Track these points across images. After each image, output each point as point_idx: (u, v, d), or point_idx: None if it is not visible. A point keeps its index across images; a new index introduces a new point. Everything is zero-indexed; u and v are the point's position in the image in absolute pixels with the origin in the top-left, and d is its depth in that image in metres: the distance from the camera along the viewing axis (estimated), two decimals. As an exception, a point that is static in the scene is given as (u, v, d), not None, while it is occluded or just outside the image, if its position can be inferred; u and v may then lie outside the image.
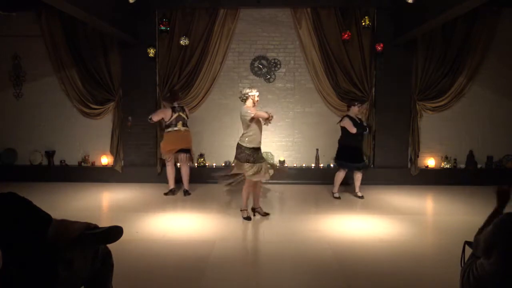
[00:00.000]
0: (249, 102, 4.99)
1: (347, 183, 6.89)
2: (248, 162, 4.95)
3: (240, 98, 5.11)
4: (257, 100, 5.03)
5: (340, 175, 6.31)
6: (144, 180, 7.46)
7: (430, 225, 5.20)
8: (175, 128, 6.36)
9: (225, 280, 3.35)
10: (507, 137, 7.60)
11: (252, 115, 4.86)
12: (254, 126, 4.96)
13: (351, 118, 6.20)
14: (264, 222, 5.09)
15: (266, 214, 5.33)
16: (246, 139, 4.99)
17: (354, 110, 6.31)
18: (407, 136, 7.60)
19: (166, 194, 6.53)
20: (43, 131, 7.85)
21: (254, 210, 5.38)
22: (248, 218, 5.15)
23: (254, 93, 4.99)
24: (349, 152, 6.17)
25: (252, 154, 4.96)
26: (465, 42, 7.26)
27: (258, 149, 5.07)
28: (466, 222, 4.97)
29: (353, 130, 6.06)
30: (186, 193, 6.52)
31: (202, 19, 7.40)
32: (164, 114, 6.42)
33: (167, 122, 6.39)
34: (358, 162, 6.20)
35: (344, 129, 6.20)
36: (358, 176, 6.32)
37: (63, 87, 7.69)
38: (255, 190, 5.26)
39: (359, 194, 6.36)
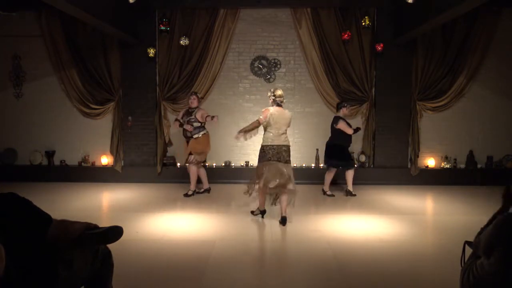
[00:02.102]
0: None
1: (335, 183, 6.97)
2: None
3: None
4: (281, 101, 5.11)
5: (331, 174, 6.48)
6: (144, 180, 7.46)
7: (430, 225, 5.20)
8: None
9: (225, 280, 3.35)
10: (507, 137, 7.61)
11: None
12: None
13: (344, 120, 6.30)
14: (264, 222, 5.09)
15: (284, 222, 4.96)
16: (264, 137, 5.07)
17: (344, 112, 6.36)
18: (407, 136, 7.60)
19: (201, 192, 6.56)
20: (43, 131, 7.85)
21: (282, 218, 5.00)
22: (252, 212, 5.29)
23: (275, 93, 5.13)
24: (340, 152, 6.30)
25: (266, 152, 4.94)
26: (465, 42, 7.26)
27: (274, 147, 4.92)
28: (466, 222, 4.97)
29: (350, 131, 6.20)
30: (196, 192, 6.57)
31: (202, 19, 7.41)
32: (205, 113, 6.27)
33: (204, 124, 6.29)
34: (347, 160, 6.37)
35: (338, 131, 6.25)
36: (350, 173, 6.41)
37: (63, 87, 7.69)
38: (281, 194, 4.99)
39: (352, 192, 6.43)
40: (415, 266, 3.64)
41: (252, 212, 5.32)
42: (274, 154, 4.87)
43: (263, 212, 5.19)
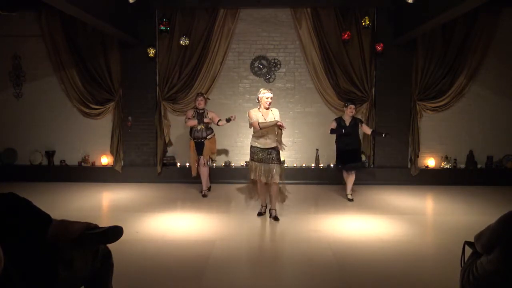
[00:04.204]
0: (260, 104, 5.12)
1: (340, 183, 6.84)
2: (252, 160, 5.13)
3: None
4: (267, 102, 5.02)
5: (343, 176, 6.33)
6: (144, 180, 7.46)
7: (430, 225, 5.20)
8: None
9: (225, 280, 3.35)
10: (507, 137, 7.60)
11: (251, 122, 5.04)
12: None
13: (338, 119, 6.22)
14: (264, 222, 5.09)
15: (275, 219, 5.15)
16: (252, 138, 5.20)
17: (345, 111, 6.24)
18: (407, 136, 7.60)
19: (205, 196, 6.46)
20: (43, 131, 7.84)
21: (269, 210, 5.32)
22: (258, 214, 5.31)
23: (261, 94, 5.07)
24: (337, 153, 6.25)
25: (255, 152, 5.08)
26: (465, 42, 7.26)
27: (265, 150, 5.03)
28: (466, 222, 4.98)
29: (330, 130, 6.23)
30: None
31: (202, 19, 7.41)
32: (216, 116, 6.40)
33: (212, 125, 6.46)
34: (345, 163, 6.15)
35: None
36: (349, 178, 6.23)
37: (63, 87, 7.69)
38: (268, 191, 5.24)
39: (349, 196, 6.24)
40: (415, 266, 3.65)
41: (260, 214, 5.33)
42: (264, 156, 5.01)
43: (264, 207, 5.39)
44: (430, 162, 7.67)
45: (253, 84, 7.74)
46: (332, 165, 7.58)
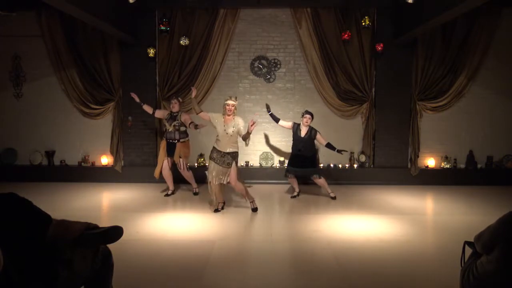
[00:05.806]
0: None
1: (340, 183, 6.85)
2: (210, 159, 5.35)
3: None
4: (228, 109, 5.19)
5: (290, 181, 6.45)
6: (144, 180, 7.45)
7: (430, 225, 5.20)
8: None
9: (225, 280, 3.35)
10: (507, 137, 7.61)
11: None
12: (218, 132, 5.27)
13: (296, 127, 6.20)
14: (264, 222, 5.09)
15: (254, 210, 5.52)
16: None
17: (302, 121, 6.18)
18: (407, 136, 7.60)
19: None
20: (43, 131, 7.85)
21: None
22: (214, 210, 5.51)
23: (226, 102, 5.24)
24: (290, 157, 6.30)
25: (212, 151, 5.31)
26: (465, 42, 7.26)
27: (220, 152, 5.23)
28: (466, 222, 4.98)
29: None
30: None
31: (202, 19, 7.41)
32: (188, 118, 6.15)
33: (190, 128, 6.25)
34: (294, 167, 6.16)
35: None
36: (319, 182, 6.25)
37: (63, 87, 7.69)
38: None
39: (332, 195, 6.29)
40: (415, 266, 3.65)
41: (216, 210, 5.51)
42: (218, 157, 5.23)
43: (222, 204, 5.62)
44: (430, 162, 7.67)
45: (253, 84, 7.74)
46: (332, 165, 7.59)
